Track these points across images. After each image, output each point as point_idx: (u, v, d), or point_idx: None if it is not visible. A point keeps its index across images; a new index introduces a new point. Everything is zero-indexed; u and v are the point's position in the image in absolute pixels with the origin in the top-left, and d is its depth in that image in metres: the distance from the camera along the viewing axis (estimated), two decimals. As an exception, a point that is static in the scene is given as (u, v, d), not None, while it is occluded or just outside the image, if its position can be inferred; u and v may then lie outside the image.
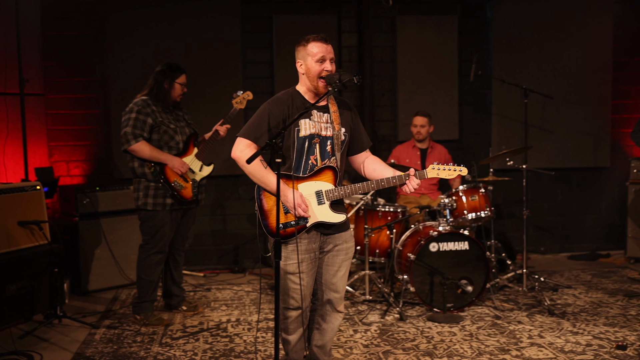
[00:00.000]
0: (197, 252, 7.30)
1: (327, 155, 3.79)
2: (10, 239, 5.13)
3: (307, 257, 3.76)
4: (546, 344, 4.85)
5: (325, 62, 3.73)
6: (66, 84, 7.03)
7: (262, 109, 3.77)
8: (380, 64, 7.53)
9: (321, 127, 3.77)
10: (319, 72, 3.72)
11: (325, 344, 4.00)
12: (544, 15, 7.66)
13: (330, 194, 3.75)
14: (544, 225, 7.99)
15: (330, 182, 3.76)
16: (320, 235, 3.80)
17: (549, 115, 7.69)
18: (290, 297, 3.79)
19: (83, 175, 7.12)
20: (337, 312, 3.96)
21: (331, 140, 3.79)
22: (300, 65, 3.80)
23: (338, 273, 3.87)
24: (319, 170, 3.75)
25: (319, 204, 3.75)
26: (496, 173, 6.48)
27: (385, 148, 7.49)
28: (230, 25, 7.15)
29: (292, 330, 3.89)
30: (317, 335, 3.99)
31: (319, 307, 3.97)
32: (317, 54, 3.72)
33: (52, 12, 6.94)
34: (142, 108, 5.20)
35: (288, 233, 3.70)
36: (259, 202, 3.75)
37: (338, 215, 3.79)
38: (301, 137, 3.72)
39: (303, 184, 3.73)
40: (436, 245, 5.65)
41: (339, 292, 3.92)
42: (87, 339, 5.06)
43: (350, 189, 3.77)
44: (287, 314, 3.84)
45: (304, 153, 3.74)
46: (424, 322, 5.39)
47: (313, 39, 3.75)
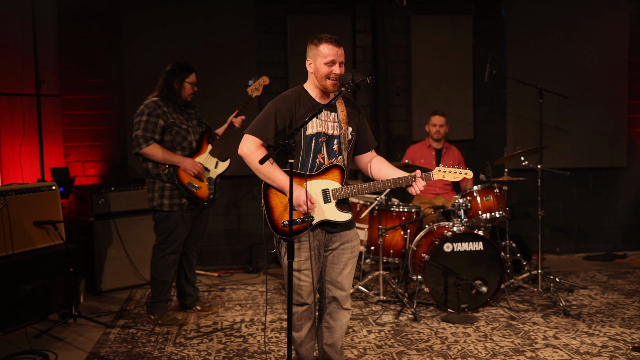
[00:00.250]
0: (211, 252, 7.32)
1: (334, 154, 3.81)
2: (26, 238, 5.17)
3: (312, 254, 3.77)
4: (561, 345, 4.83)
5: (334, 65, 3.74)
6: (82, 85, 7.07)
7: (269, 107, 3.78)
8: (395, 64, 7.52)
9: (328, 126, 3.79)
10: (326, 74, 3.73)
11: (335, 342, 4.01)
12: (559, 14, 7.62)
13: (337, 192, 3.76)
14: (560, 226, 7.94)
15: (337, 180, 3.78)
16: (325, 233, 3.82)
17: (564, 115, 7.64)
18: (295, 293, 3.81)
19: (98, 176, 7.16)
20: (344, 310, 3.97)
21: (338, 139, 3.81)
22: (309, 64, 3.81)
23: (344, 271, 3.89)
24: (326, 169, 3.77)
25: (325, 202, 3.77)
26: (511, 173, 6.44)
27: (399, 148, 7.47)
28: (244, 26, 7.16)
29: (299, 327, 3.91)
30: (327, 333, 4.01)
31: (327, 306, 3.98)
32: (327, 55, 3.72)
33: (68, 14, 6.99)
34: (152, 110, 5.20)
35: (294, 230, 3.71)
36: (265, 199, 3.78)
37: (344, 214, 3.81)
38: (308, 135, 3.74)
39: (310, 182, 3.75)
40: (450, 246, 5.63)
41: (345, 290, 3.93)
42: (102, 339, 5.08)
43: (357, 189, 3.78)
44: (294, 310, 3.85)
45: (310, 151, 3.76)
46: (438, 323, 5.37)
47: (325, 39, 3.74)
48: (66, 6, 6.98)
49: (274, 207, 3.77)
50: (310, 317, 3.93)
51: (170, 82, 5.29)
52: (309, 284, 3.81)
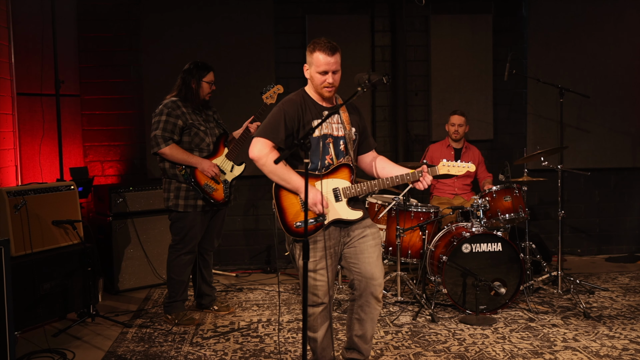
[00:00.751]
0: (229, 252, 7.33)
1: (341, 154, 3.84)
2: (45, 238, 5.20)
3: (327, 253, 3.77)
4: (581, 348, 4.77)
5: (327, 75, 3.75)
6: (101, 85, 7.12)
7: (276, 110, 3.80)
8: (414, 63, 7.49)
9: (333, 128, 3.84)
10: (320, 83, 3.78)
11: (365, 333, 4.00)
12: (581, 13, 7.55)
13: (347, 191, 3.79)
14: (581, 227, 7.86)
15: (347, 179, 3.81)
16: (340, 229, 3.83)
17: (585, 115, 7.57)
18: (312, 293, 3.80)
19: (117, 175, 7.20)
20: (377, 302, 3.93)
21: (343, 139, 3.85)
22: (306, 69, 3.87)
23: (371, 259, 3.86)
24: (335, 168, 3.81)
25: (337, 201, 3.79)
26: (531, 173, 6.37)
27: (418, 148, 7.44)
28: (263, 26, 7.17)
29: (316, 327, 3.90)
30: (357, 325, 3.99)
31: (358, 298, 3.95)
32: (320, 65, 3.74)
33: (87, 14, 7.04)
34: (172, 110, 5.21)
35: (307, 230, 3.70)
36: (277, 200, 3.78)
37: (355, 212, 3.82)
38: (315, 138, 3.78)
39: (320, 181, 3.76)
40: (469, 247, 5.59)
41: (377, 279, 3.89)
42: (119, 338, 5.10)
43: (367, 186, 3.80)
44: (310, 311, 3.84)
45: (319, 152, 3.78)
46: (456, 324, 5.33)
47: (319, 47, 3.74)
48: (86, 7, 7.03)
49: (286, 209, 3.77)
50: (327, 318, 3.92)
51: (188, 82, 5.29)
52: (324, 284, 3.79)
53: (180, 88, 5.31)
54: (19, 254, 4.94)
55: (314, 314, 3.86)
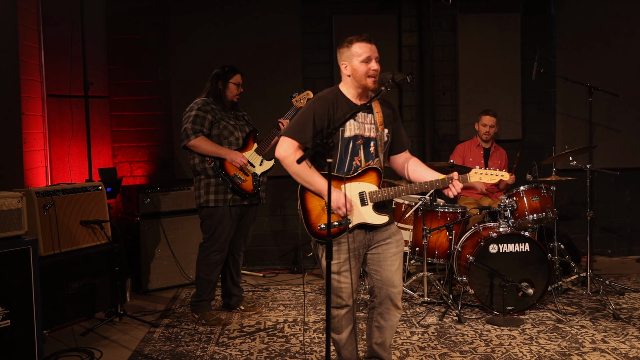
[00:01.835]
0: (256, 252, 7.35)
1: (370, 156, 3.77)
2: (73, 238, 5.25)
3: (351, 255, 3.73)
4: (609, 350, 4.70)
5: (371, 62, 3.71)
6: (129, 86, 7.19)
7: (306, 109, 3.76)
8: (441, 62, 7.46)
9: (365, 128, 3.75)
10: (365, 72, 3.69)
11: (384, 341, 3.97)
12: (611, 11, 7.46)
13: (374, 195, 3.73)
14: (612, 227, 7.75)
15: (374, 183, 3.74)
16: (365, 232, 3.78)
17: (615, 114, 7.47)
18: (336, 295, 3.77)
19: (145, 176, 7.26)
20: (396, 309, 3.90)
21: (375, 141, 3.77)
22: (345, 67, 3.78)
23: (392, 267, 3.83)
24: (363, 172, 3.73)
25: (362, 205, 3.73)
26: (560, 173, 6.31)
27: (446, 148, 7.40)
28: (290, 26, 7.19)
29: (340, 329, 3.86)
30: (377, 333, 3.96)
31: (378, 305, 3.92)
32: (362, 54, 3.70)
33: (116, 16, 7.12)
34: (202, 106, 5.34)
35: (331, 233, 3.67)
36: (302, 202, 3.75)
37: (381, 217, 3.77)
38: (346, 138, 3.71)
39: (347, 184, 3.71)
40: (496, 247, 5.54)
41: (397, 287, 3.86)
42: (146, 337, 5.14)
43: (394, 191, 3.74)
44: (334, 313, 3.82)
45: (347, 154, 3.72)
46: (483, 325, 5.29)
47: (356, 39, 3.73)
48: (114, 8, 7.10)
49: (310, 210, 3.75)
50: (351, 320, 3.88)
51: (216, 84, 5.42)
52: (349, 286, 3.76)
53: (209, 90, 5.45)
54: (47, 254, 4.99)
55: (338, 315, 3.83)
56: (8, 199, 4.29)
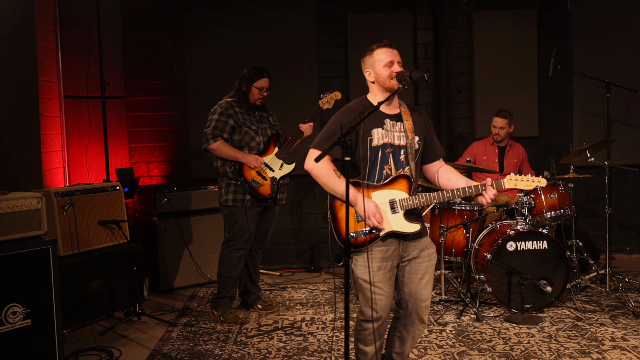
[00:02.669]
0: (273, 251, 7.36)
1: (401, 164, 3.71)
2: (92, 238, 5.29)
3: (384, 265, 3.65)
4: (630, 347, 4.68)
5: (393, 65, 3.70)
6: (146, 87, 7.22)
7: (333, 119, 3.73)
8: (457, 60, 7.43)
9: (394, 137, 3.70)
10: (389, 75, 3.68)
11: (404, 351, 3.91)
12: (627, 6, 7.41)
13: (404, 203, 3.66)
14: (631, 224, 7.70)
15: (405, 191, 3.67)
16: (399, 242, 3.70)
17: (634, 110, 7.42)
18: (369, 307, 3.68)
19: (162, 176, 7.28)
20: (422, 323, 3.83)
21: (405, 149, 3.71)
22: (369, 74, 3.77)
23: (422, 281, 3.75)
24: (394, 179, 3.67)
25: (393, 213, 3.66)
26: (577, 170, 6.27)
27: (462, 146, 7.37)
28: (305, 25, 7.19)
29: (370, 342, 3.76)
30: (398, 343, 3.90)
31: (403, 317, 3.85)
32: (384, 59, 3.70)
33: (132, 17, 7.14)
34: (224, 110, 5.37)
35: (360, 242, 3.63)
36: (332, 210, 3.70)
37: (412, 225, 3.68)
38: (374, 147, 3.66)
39: (377, 192, 3.67)
40: (514, 245, 5.52)
41: (425, 301, 3.79)
42: (165, 336, 5.16)
43: (425, 199, 3.68)
44: (364, 326, 3.74)
45: (377, 162, 3.68)
46: (501, 323, 5.28)
47: (378, 46, 3.74)
48: (130, 10, 7.13)
49: (340, 219, 3.67)
50: (382, 334, 3.82)
51: (240, 85, 5.46)
52: (383, 297, 3.67)
53: (237, 90, 5.49)
54: (66, 254, 5.03)
55: (369, 328, 3.73)
56: (28, 200, 4.33)
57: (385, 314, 3.73)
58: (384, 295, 3.68)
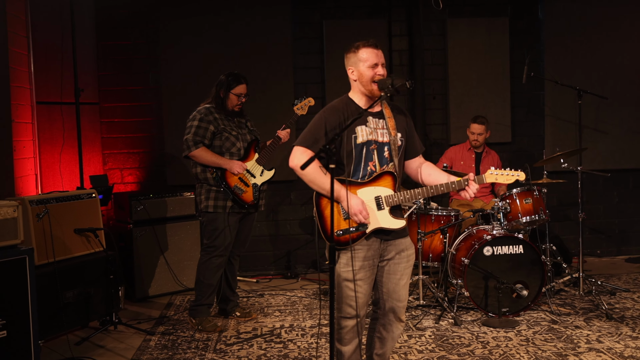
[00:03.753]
0: (250, 258, 7.32)
1: (385, 161, 3.74)
2: (67, 246, 5.22)
3: (366, 264, 3.69)
4: (605, 349, 4.76)
5: (377, 67, 3.70)
6: (120, 93, 7.15)
7: (318, 118, 3.74)
8: (431, 67, 7.49)
9: (378, 134, 3.73)
10: (372, 77, 3.68)
11: (385, 352, 3.94)
12: (597, 14, 7.54)
13: (390, 199, 3.69)
14: (601, 228, 7.83)
15: (390, 187, 3.71)
16: (380, 242, 3.73)
17: (603, 116, 7.55)
18: (347, 305, 3.71)
19: (137, 183, 7.22)
20: (399, 322, 3.87)
21: (388, 146, 3.75)
22: (352, 72, 3.77)
23: (400, 281, 3.79)
24: (378, 176, 3.71)
25: (379, 209, 3.69)
26: (550, 175, 6.36)
27: (437, 151, 7.42)
28: (281, 31, 7.19)
29: (348, 341, 3.79)
30: (378, 344, 3.93)
31: (381, 317, 3.88)
32: (368, 59, 3.69)
33: (106, 23, 7.08)
34: (204, 116, 5.34)
35: (346, 240, 3.66)
36: (318, 208, 3.71)
37: (398, 221, 3.73)
38: (358, 144, 3.69)
39: (362, 189, 3.69)
40: (490, 249, 5.58)
41: (402, 301, 3.83)
42: (142, 345, 5.11)
43: (410, 195, 3.70)
44: (343, 324, 3.75)
45: (362, 160, 3.70)
46: (479, 327, 5.32)
47: (363, 45, 3.73)
48: (104, 15, 7.06)
49: (327, 217, 3.67)
50: (360, 332, 3.82)
51: (218, 91, 5.43)
52: (362, 295, 3.70)
53: (214, 96, 5.46)
54: (41, 263, 4.95)
55: (347, 326, 3.75)
56: (4, 208, 4.27)
57: (364, 312, 3.78)
58: (363, 294, 3.71)
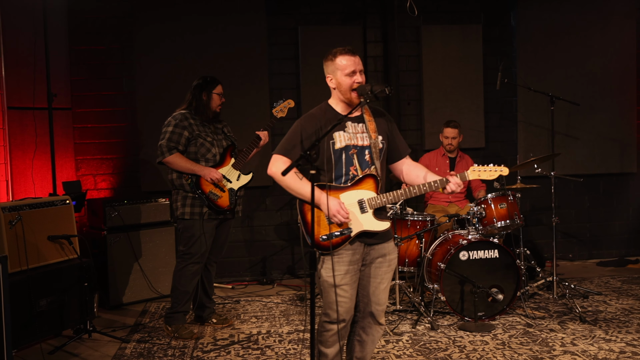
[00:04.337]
0: (225, 264, 7.26)
1: (366, 164, 3.76)
2: (41, 253, 5.15)
3: (351, 268, 3.70)
4: (579, 352, 4.82)
5: (355, 75, 3.72)
6: (93, 98, 7.07)
7: (295, 126, 3.76)
8: (406, 73, 7.53)
9: (357, 138, 3.74)
10: (350, 85, 3.70)
11: (365, 356, 3.97)
12: (568, 22, 7.66)
13: (373, 201, 3.71)
14: (572, 232, 7.93)
15: (372, 190, 3.72)
16: (364, 246, 3.74)
17: (574, 122, 7.66)
18: (333, 310, 3.71)
19: (110, 189, 7.15)
20: (379, 325, 3.91)
21: (369, 149, 3.76)
22: (330, 79, 3.79)
23: (381, 285, 3.81)
24: (360, 180, 3.72)
25: (362, 212, 3.70)
26: (524, 180, 6.44)
27: (411, 157, 7.37)
28: (256, 37, 7.18)
29: (331, 344, 3.80)
30: (358, 347, 3.95)
31: (360, 320, 3.91)
32: (346, 67, 3.70)
33: (79, 27, 7.00)
34: (179, 122, 5.30)
35: (333, 244, 3.66)
36: (301, 215, 3.72)
37: (382, 223, 3.74)
38: (337, 150, 3.70)
39: (345, 193, 3.70)
40: (466, 254, 5.62)
41: (382, 305, 3.86)
42: (118, 354, 5.05)
43: (393, 196, 3.72)
44: (327, 327, 3.77)
45: (342, 164, 3.72)
46: (456, 332, 5.36)
47: (340, 52, 3.73)
48: (77, 20, 6.98)
49: (310, 222, 3.68)
50: (344, 336, 3.84)
51: (199, 95, 5.39)
52: (347, 300, 3.72)
53: (191, 102, 5.41)
54: (14, 271, 4.88)
55: (332, 330, 3.76)
56: (-23, 215, 4.20)
57: (349, 317, 3.79)
58: (348, 298, 3.73)
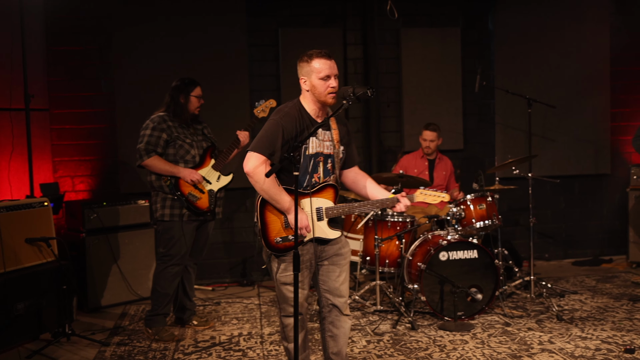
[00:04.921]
0: (205, 266, 7.23)
1: (328, 173, 3.85)
2: (18, 256, 5.10)
3: (304, 267, 3.80)
4: (557, 350, 4.90)
5: (330, 79, 3.73)
6: (71, 99, 7.00)
7: (274, 124, 3.73)
8: (385, 75, 7.57)
9: (324, 146, 3.82)
10: (324, 90, 3.72)
11: (340, 350, 4.02)
12: (544, 26, 7.75)
13: (330, 211, 3.82)
14: (548, 232, 8.02)
15: (331, 199, 3.84)
16: (317, 245, 3.86)
17: (550, 124, 7.75)
18: (288, 305, 3.81)
19: (89, 191, 7.09)
20: (345, 316, 3.99)
21: (332, 158, 3.85)
22: (304, 81, 3.79)
23: (339, 278, 3.93)
24: (321, 188, 3.81)
25: (319, 220, 3.82)
26: (501, 182, 6.51)
27: (391, 159, 7.51)
28: (236, 39, 7.16)
29: (291, 338, 3.86)
30: (332, 342, 4.01)
31: (327, 315, 3.99)
32: (321, 71, 3.71)
33: (56, 28, 6.92)
34: (157, 124, 5.27)
35: (287, 246, 3.77)
36: (261, 215, 3.77)
37: (334, 232, 3.88)
38: (308, 156, 3.76)
39: (306, 199, 3.77)
40: (446, 254, 5.67)
41: (344, 297, 3.96)
42: (97, 357, 5.02)
43: (348, 208, 3.86)
44: (286, 322, 3.88)
45: (308, 170, 3.78)
46: (436, 331, 5.40)
47: (316, 54, 3.73)
48: (54, 20, 6.90)
49: (268, 224, 3.77)
50: (303, 327, 3.93)
51: (177, 98, 5.36)
52: (302, 295, 3.80)
53: (169, 104, 5.38)
54: (-9, 274, 4.83)
55: (290, 324, 3.84)
56: (-45, 218, 4.16)
57: (304, 309, 3.89)
58: (302, 294, 3.81)
